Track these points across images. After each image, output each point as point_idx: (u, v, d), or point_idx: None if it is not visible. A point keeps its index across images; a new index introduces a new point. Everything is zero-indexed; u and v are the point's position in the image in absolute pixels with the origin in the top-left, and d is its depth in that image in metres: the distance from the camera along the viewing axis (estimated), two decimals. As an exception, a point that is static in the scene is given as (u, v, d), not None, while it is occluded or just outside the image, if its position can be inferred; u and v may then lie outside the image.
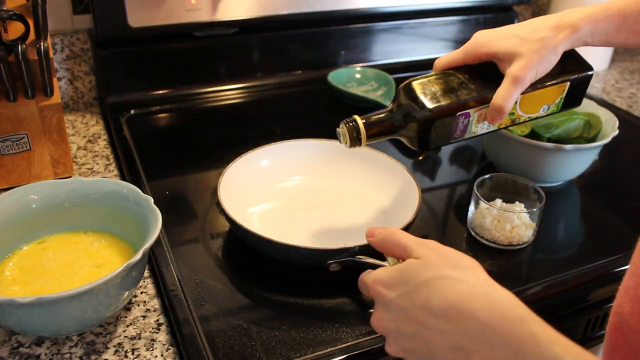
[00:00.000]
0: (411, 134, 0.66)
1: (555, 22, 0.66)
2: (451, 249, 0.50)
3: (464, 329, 0.42)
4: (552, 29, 0.65)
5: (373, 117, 0.66)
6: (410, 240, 0.51)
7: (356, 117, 0.65)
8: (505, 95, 0.64)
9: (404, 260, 0.49)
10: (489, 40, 0.67)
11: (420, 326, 0.45)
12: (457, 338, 0.43)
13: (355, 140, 0.65)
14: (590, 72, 0.71)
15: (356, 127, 0.65)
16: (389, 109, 0.66)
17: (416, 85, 0.66)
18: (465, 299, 0.43)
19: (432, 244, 0.50)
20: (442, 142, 0.67)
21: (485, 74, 0.67)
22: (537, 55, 0.64)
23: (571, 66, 0.70)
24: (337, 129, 0.66)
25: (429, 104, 0.64)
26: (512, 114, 0.68)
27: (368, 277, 0.51)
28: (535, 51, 0.64)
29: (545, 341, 0.39)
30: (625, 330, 0.46)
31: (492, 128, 0.69)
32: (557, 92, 0.70)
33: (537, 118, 0.71)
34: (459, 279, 0.45)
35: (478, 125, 0.67)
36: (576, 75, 0.70)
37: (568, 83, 0.69)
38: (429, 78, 0.67)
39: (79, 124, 1.03)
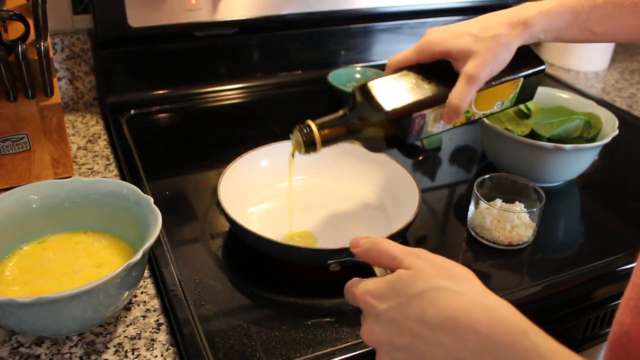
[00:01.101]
0: (367, 136, 0.64)
1: (509, 18, 0.65)
2: (444, 258, 0.47)
3: (463, 342, 0.41)
4: (506, 25, 0.65)
5: (327, 121, 0.64)
6: (399, 250, 0.48)
7: (309, 121, 0.64)
8: (461, 95, 0.63)
9: (392, 271, 0.47)
10: (442, 39, 0.66)
11: (415, 339, 0.43)
12: (455, 351, 0.41)
13: (309, 146, 0.64)
14: (542, 67, 0.71)
15: (310, 133, 0.63)
16: (343, 112, 0.65)
17: (371, 86, 0.64)
18: (463, 310, 0.41)
19: (423, 253, 0.47)
20: (398, 143, 0.66)
21: (439, 72, 0.66)
22: (492, 53, 0.64)
23: (524, 61, 0.69)
24: (290, 134, 0.65)
25: (386, 106, 0.63)
26: (467, 111, 0.68)
27: (356, 288, 0.48)
28: (490, 49, 0.63)
29: (548, 353, 0.38)
30: (625, 341, 0.45)
31: (447, 127, 0.68)
32: (511, 88, 0.70)
33: (491, 114, 0.71)
34: (455, 290, 0.43)
35: (434, 125, 0.66)
36: (529, 71, 0.70)
37: (522, 79, 0.69)
38: (384, 79, 0.66)
39: (79, 124, 1.03)
